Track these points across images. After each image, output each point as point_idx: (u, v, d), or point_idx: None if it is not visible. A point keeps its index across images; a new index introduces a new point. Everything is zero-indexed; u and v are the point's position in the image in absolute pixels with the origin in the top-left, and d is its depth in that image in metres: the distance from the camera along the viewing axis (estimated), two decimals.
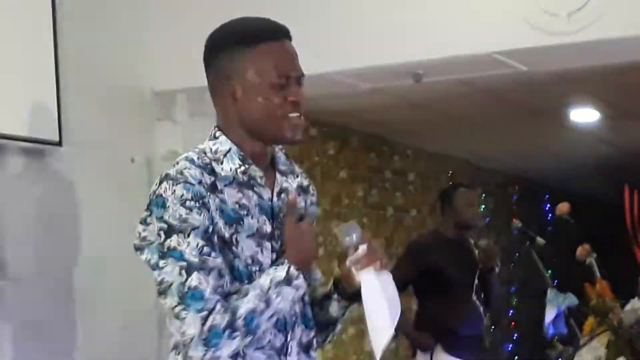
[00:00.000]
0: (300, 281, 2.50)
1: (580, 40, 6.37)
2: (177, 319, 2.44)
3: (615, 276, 4.00)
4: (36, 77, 6.62)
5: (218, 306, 2.42)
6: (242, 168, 2.59)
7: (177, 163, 2.58)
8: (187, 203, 2.48)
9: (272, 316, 2.47)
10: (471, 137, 10.26)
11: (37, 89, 6.64)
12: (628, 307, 3.88)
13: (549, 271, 6.66)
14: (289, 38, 2.67)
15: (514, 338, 12.13)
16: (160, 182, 2.55)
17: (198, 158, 2.59)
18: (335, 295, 2.70)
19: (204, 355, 2.43)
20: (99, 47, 7.15)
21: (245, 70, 2.60)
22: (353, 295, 2.66)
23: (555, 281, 6.45)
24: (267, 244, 2.58)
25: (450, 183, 7.53)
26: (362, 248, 2.56)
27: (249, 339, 2.45)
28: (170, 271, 2.46)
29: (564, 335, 5.97)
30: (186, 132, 7.56)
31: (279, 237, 2.60)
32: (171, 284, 2.45)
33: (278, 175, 2.67)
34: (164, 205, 2.50)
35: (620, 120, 9.72)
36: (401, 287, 6.48)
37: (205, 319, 2.42)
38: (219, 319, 2.42)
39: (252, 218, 2.56)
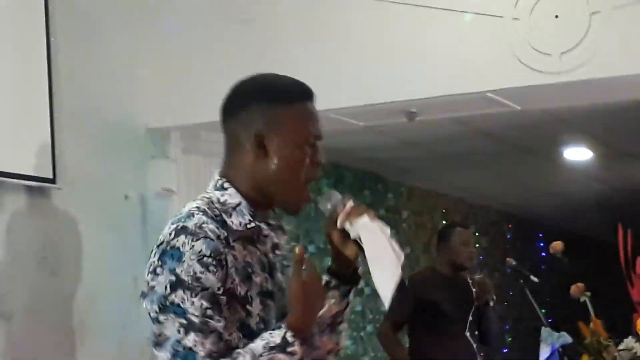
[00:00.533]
0: (296, 348, 2.39)
1: (572, 79, 6.37)
2: None
3: (609, 315, 3.98)
4: (30, 115, 6.61)
5: None
6: (252, 224, 2.52)
7: (192, 215, 2.46)
8: (205, 260, 2.39)
9: None
10: (465, 175, 10.27)
11: (32, 127, 6.63)
12: (622, 346, 3.86)
13: (543, 310, 6.64)
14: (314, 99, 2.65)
15: None
16: (177, 235, 2.42)
17: (209, 209, 2.49)
18: (333, 282, 2.60)
19: None
20: (92, 85, 7.15)
21: (281, 127, 2.54)
22: (352, 277, 2.60)
23: (549, 319, 6.42)
24: (271, 303, 2.51)
25: (447, 222, 7.53)
26: (349, 203, 2.52)
27: None
28: (170, 327, 2.38)
29: None
30: (180, 169, 7.55)
31: (278, 295, 2.54)
32: (168, 339, 2.38)
33: (269, 230, 2.59)
34: (179, 259, 2.40)
35: (614, 159, 9.73)
36: (404, 320, 6.51)
37: None
38: None
39: (256, 277, 2.49)
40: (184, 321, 2.37)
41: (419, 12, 6.73)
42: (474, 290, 6.57)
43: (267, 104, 2.55)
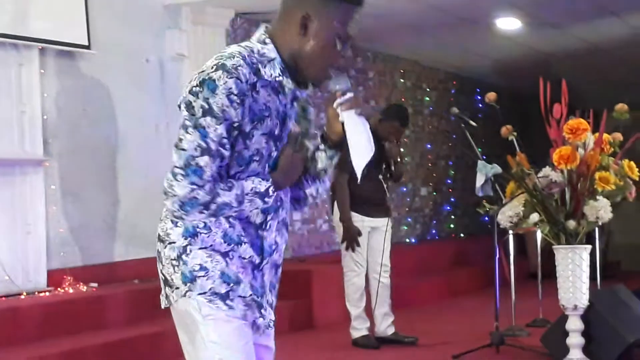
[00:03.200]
0: (271, 199, 2.48)
1: None
2: (173, 175, 2.40)
3: (531, 150, 4.01)
4: None
5: (207, 187, 2.38)
6: (280, 78, 2.48)
7: (233, 56, 2.42)
8: (231, 97, 2.37)
9: (237, 211, 2.44)
10: (419, 42, 10.20)
11: (70, 3, 6.56)
12: (541, 174, 3.90)
13: (479, 148, 6.69)
14: (362, 4, 2.56)
15: (451, 200, 12.22)
16: (217, 69, 2.39)
17: (248, 56, 2.45)
18: (322, 146, 2.63)
19: (175, 211, 2.42)
20: None
21: (327, 15, 2.47)
22: (336, 145, 2.61)
23: (484, 156, 6.48)
24: (272, 143, 2.50)
25: (399, 106, 7.48)
26: (350, 95, 2.52)
27: (212, 218, 2.43)
28: (191, 141, 2.38)
29: (491, 197, 6.03)
30: (190, 38, 7.51)
31: (281, 138, 2.54)
32: (185, 150, 2.39)
33: (297, 93, 2.57)
34: (214, 90, 2.37)
35: (537, 27, 9.68)
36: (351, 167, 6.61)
37: (192, 190, 2.38)
38: (202, 195, 2.38)
39: (270, 120, 2.48)
40: (203, 144, 2.38)
41: None
42: (386, 150, 6.68)
43: None
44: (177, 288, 2.49)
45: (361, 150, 2.52)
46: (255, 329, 2.53)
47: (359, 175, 2.55)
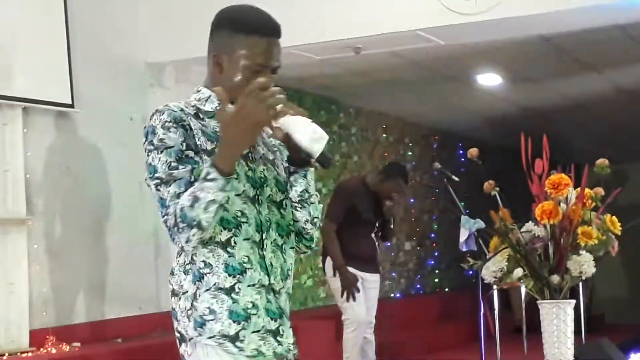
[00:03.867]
0: (215, 175, 2.36)
1: (485, 19, 6.40)
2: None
3: (514, 205, 4.02)
4: (52, 54, 6.58)
5: (171, 209, 2.39)
6: (220, 106, 2.50)
7: (166, 105, 2.51)
8: (166, 124, 2.44)
9: (207, 207, 2.36)
10: (401, 98, 10.27)
11: (53, 64, 6.59)
12: (524, 229, 3.90)
13: (462, 202, 6.70)
14: (277, 36, 2.58)
15: (435, 255, 12.22)
16: (151, 117, 2.49)
17: (185, 104, 2.54)
18: (292, 168, 2.63)
19: (177, 243, 2.44)
20: (102, 29, 7.11)
21: (232, 51, 2.52)
22: (301, 162, 2.59)
23: (467, 210, 6.48)
24: (242, 162, 2.51)
25: (399, 165, 7.53)
26: (260, 80, 2.44)
27: (194, 230, 2.37)
28: (151, 184, 2.46)
29: (474, 251, 6.02)
30: (174, 96, 7.52)
31: (253, 158, 2.56)
32: (152, 190, 2.46)
33: None
34: (153, 131, 2.45)
35: (517, 83, 9.77)
36: (340, 222, 6.60)
37: (165, 220, 2.42)
38: (171, 220, 2.39)
39: None
40: (157, 180, 2.44)
41: None
42: (384, 209, 6.72)
43: (228, 32, 2.55)
44: (191, 339, 2.46)
45: (303, 133, 2.44)
46: (277, 358, 2.51)
47: (314, 155, 2.46)
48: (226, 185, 2.37)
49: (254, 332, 2.46)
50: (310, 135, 2.45)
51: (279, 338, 2.51)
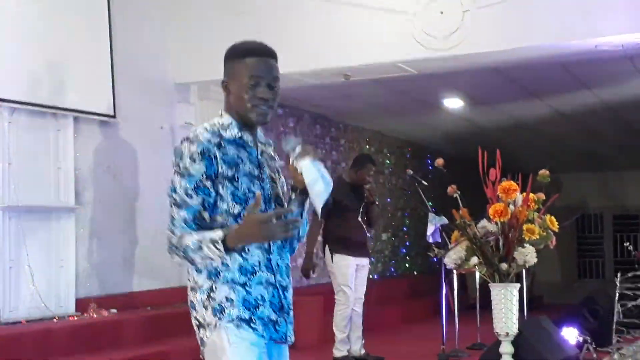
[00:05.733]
0: (221, 247, 2.36)
1: (451, 54, 6.41)
2: None
3: (472, 205, 4.01)
4: (97, 71, 6.57)
5: (177, 232, 2.40)
6: (239, 134, 2.51)
7: (196, 130, 2.48)
8: (193, 155, 2.41)
9: (204, 258, 2.38)
10: (381, 116, 10.27)
11: (99, 80, 6.58)
12: (479, 225, 3.90)
13: (430, 202, 6.71)
14: (272, 57, 2.56)
15: (407, 244, 12.21)
16: (182, 142, 2.46)
17: (210, 126, 2.50)
18: (294, 195, 2.60)
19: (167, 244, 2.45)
20: (139, 53, 7.10)
21: (235, 74, 2.52)
22: (303, 191, 2.58)
23: (434, 209, 6.49)
24: (257, 182, 2.50)
25: (364, 153, 7.49)
26: (299, 147, 2.52)
27: (186, 262, 2.41)
28: (169, 199, 2.44)
29: (439, 242, 6.02)
30: (197, 110, 7.53)
31: (262, 178, 2.53)
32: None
33: (259, 144, 2.58)
34: (180, 157, 2.43)
35: (476, 106, 9.78)
36: (325, 215, 6.53)
37: (168, 235, 2.43)
38: (175, 241, 2.40)
39: (244, 165, 2.48)
40: (172, 199, 2.43)
41: (352, 9, 6.72)
42: (365, 194, 6.60)
43: (232, 60, 2.55)
44: (209, 324, 2.43)
45: (319, 191, 2.50)
46: (272, 343, 2.49)
47: (319, 212, 2.55)
48: (225, 256, 2.38)
49: (259, 318, 2.45)
50: (320, 192, 2.50)
51: (277, 327, 2.49)
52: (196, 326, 2.48)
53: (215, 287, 2.43)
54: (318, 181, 2.50)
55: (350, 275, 6.41)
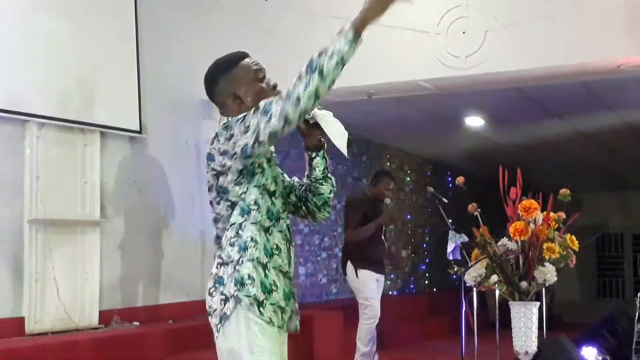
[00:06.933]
0: (349, 30, 2.41)
1: (473, 73, 6.41)
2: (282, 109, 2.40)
3: (492, 224, 4.00)
4: (125, 88, 6.62)
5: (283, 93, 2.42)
6: None
7: None
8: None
9: (332, 56, 2.40)
10: (403, 134, 10.27)
11: (126, 97, 6.63)
12: (500, 243, 3.89)
13: (450, 220, 6.68)
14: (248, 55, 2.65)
15: (427, 261, 12.17)
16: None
17: None
18: (312, 154, 2.68)
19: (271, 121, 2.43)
20: (166, 70, 7.15)
21: (239, 79, 2.58)
22: (318, 147, 2.68)
23: (453, 226, 6.46)
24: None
25: (381, 170, 7.49)
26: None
27: (315, 75, 2.37)
28: (272, 109, 2.39)
29: (459, 260, 5.99)
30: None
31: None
32: (264, 111, 2.42)
33: None
34: (236, 120, 2.47)
35: (497, 125, 9.75)
36: (357, 226, 6.49)
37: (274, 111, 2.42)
38: (283, 93, 2.41)
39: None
40: (269, 109, 2.40)
41: (375, 29, 6.72)
42: (384, 209, 6.61)
43: (225, 74, 2.60)
44: (232, 296, 2.45)
45: (339, 133, 2.58)
46: (280, 328, 2.53)
47: (345, 153, 2.58)
48: (353, 45, 2.43)
49: (271, 304, 2.48)
50: (341, 135, 2.56)
51: (284, 315, 2.53)
52: (222, 301, 2.47)
53: (242, 261, 2.47)
54: (336, 124, 2.58)
55: (374, 289, 6.42)
